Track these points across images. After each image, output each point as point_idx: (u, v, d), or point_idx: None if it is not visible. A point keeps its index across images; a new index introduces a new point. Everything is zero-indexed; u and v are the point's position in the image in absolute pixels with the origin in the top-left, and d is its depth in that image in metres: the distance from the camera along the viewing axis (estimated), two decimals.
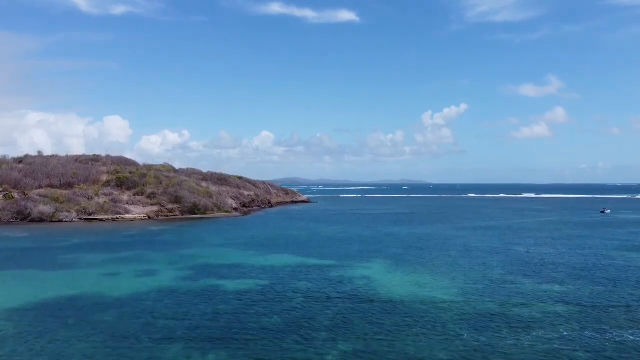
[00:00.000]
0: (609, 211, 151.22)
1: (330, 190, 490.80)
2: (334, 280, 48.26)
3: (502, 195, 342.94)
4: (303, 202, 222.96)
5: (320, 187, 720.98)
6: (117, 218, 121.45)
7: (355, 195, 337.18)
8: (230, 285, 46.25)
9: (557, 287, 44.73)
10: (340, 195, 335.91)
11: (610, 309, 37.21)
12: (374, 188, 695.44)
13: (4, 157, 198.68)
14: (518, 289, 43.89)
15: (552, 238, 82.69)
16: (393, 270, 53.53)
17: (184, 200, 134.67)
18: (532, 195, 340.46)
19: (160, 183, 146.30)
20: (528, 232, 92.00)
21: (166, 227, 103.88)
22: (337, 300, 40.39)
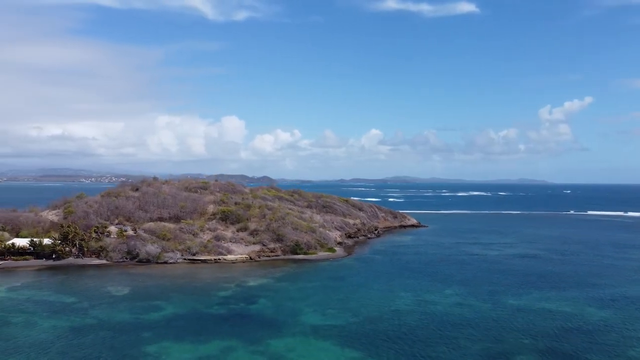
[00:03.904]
0: None
1: (439, 200, 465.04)
2: None
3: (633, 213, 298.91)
4: (412, 226, 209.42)
5: (429, 193, 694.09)
6: (219, 259, 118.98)
7: (467, 212, 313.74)
8: None
9: None
10: (452, 211, 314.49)
11: None
12: (488, 194, 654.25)
13: (124, 181, 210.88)
14: None
15: None
16: None
17: (286, 239, 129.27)
18: None
19: (264, 217, 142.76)
20: None
21: (264, 279, 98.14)
22: None
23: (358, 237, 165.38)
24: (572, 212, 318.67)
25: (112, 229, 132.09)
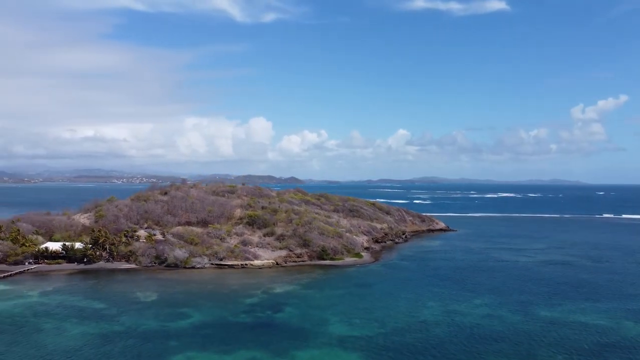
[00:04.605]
0: None
1: (467, 202, 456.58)
2: None
3: None
4: (441, 230, 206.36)
5: (458, 194, 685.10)
6: (246, 264, 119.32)
7: (496, 215, 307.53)
8: None
9: None
10: (482, 214, 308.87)
11: None
12: (518, 196, 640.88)
13: (154, 184, 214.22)
14: None
15: None
16: None
17: (313, 244, 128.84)
18: None
19: (291, 221, 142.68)
20: None
21: (291, 286, 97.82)
22: None
23: (385, 242, 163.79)
24: (607, 215, 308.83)
25: (142, 233, 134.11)
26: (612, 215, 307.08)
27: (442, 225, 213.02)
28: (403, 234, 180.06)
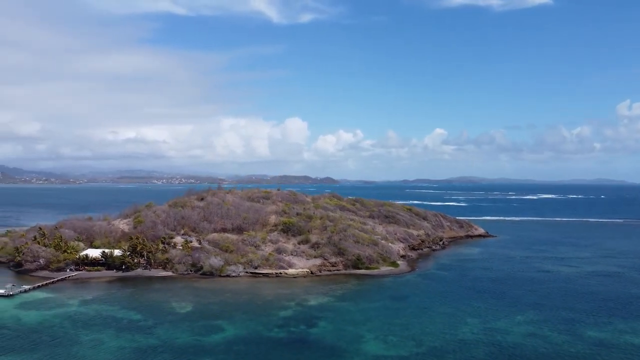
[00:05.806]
0: None
1: (505, 204, 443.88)
2: None
3: None
4: (479, 236, 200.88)
5: (497, 195, 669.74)
6: (280, 273, 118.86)
7: (538, 219, 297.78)
8: None
9: None
10: (522, 218, 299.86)
11: None
12: (559, 197, 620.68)
13: (192, 185, 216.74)
14: None
15: None
16: None
17: (348, 253, 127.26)
18: None
19: (325, 229, 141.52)
20: None
21: (325, 297, 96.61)
22: None
23: (422, 249, 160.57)
24: None
25: (178, 239, 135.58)
26: None
27: (481, 230, 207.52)
28: (440, 241, 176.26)
